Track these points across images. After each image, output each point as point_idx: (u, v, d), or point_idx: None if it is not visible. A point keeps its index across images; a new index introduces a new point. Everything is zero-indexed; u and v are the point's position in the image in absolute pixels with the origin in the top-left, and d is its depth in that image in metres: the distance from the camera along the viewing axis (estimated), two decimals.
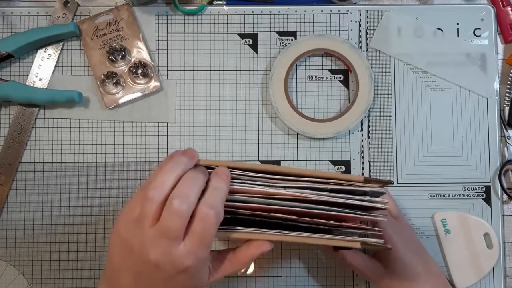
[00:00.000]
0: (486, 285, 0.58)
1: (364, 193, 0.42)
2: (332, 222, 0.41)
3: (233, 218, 0.42)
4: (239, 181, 0.41)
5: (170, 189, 0.37)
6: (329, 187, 0.41)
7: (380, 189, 0.41)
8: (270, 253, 0.58)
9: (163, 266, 0.36)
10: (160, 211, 0.36)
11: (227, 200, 0.40)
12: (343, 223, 0.41)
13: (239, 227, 0.41)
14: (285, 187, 0.41)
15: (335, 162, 0.60)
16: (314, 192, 0.41)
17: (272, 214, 0.41)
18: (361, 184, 0.41)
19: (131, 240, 0.37)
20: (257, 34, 0.61)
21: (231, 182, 0.41)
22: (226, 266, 0.42)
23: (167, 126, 0.60)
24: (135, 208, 0.37)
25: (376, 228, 0.43)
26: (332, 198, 0.41)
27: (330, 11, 0.61)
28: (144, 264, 0.37)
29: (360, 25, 0.61)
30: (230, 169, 0.41)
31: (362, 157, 0.60)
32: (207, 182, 0.39)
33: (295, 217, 0.41)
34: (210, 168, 0.42)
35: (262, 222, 0.42)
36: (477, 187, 0.59)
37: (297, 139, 0.60)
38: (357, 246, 0.40)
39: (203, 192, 0.38)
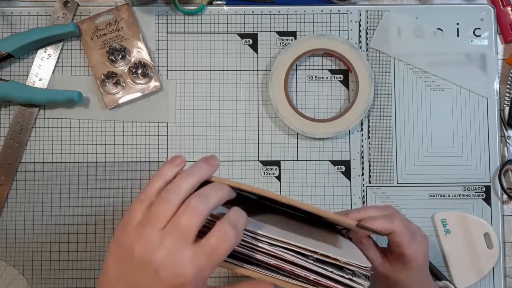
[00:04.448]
0: (486, 285, 0.58)
1: (347, 270, 0.42)
2: None
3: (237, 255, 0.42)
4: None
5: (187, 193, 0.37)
6: (315, 256, 0.41)
7: (364, 271, 0.42)
8: None
9: (163, 270, 0.35)
10: (173, 215, 0.36)
11: (252, 239, 0.40)
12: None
13: (245, 264, 0.41)
14: (271, 244, 0.40)
15: (335, 162, 0.60)
16: (298, 255, 0.41)
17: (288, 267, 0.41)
18: (345, 261, 0.41)
19: (132, 244, 0.36)
20: (257, 34, 0.61)
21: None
22: None
23: (167, 126, 0.60)
24: (137, 213, 0.37)
25: None
26: (314, 267, 0.41)
27: (330, 11, 0.61)
28: (143, 271, 0.35)
29: (360, 25, 0.61)
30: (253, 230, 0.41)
31: (362, 157, 0.60)
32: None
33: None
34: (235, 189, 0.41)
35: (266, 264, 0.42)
36: (477, 187, 0.59)
37: (297, 139, 0.60)
38: None
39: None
